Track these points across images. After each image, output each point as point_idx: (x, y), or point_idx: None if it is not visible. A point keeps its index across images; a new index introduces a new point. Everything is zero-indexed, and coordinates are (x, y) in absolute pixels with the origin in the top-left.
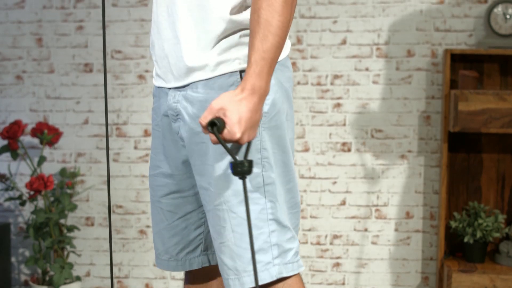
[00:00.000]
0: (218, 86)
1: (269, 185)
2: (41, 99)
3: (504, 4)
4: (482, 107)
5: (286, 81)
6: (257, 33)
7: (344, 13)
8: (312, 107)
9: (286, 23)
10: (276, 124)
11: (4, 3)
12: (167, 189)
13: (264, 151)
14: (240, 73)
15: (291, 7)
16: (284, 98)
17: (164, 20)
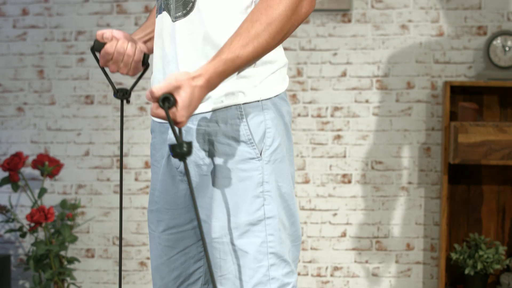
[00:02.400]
0: (221, 119)
1: (270, 218)
2: (42, 131)
3: (503, 37)
4: (482, 139)
5: (286, 115)
6: (241, 38)
7: (344, 46)
8: (312, 139)
9: (271, 47)
10: (278, 158)
11: (6, 35)
12: (164, 225)
13: (266, 185)
14: (243, 105)
15: (283, 36)
16: (284, 131)
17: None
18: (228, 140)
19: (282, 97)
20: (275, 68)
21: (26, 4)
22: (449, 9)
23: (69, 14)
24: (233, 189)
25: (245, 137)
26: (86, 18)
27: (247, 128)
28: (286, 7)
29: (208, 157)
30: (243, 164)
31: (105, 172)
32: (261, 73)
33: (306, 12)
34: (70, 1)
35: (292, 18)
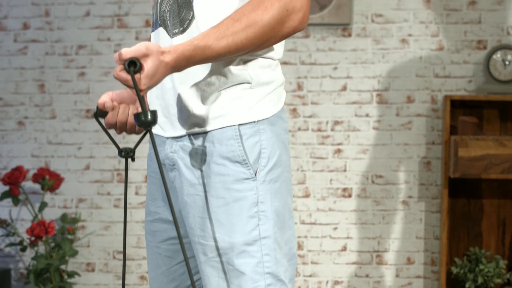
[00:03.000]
0: (216, 139)
1: (266, 238)
2: (42, 145)
3: (503, 51)
4: (482, 153)
5: (282, 133)
6: (218, 31)
7: (344, 60)
8: (312, 153)
9: (245, 49)
10: (273, 178)
11: (7, 49)
12: (166, 235)
13: (261, 205)
14: (238, 126)
15: (262, 43)
16: (281, 150)
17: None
18: (223, 160)
19: (278, 115)
20: (272, 88)
21: (27, 19)
22: (449, 23)
23: (70, 28)
24: (228, 209)
25: (240, 158)
26: (87, 32)
27: (242, 149)
28: (271, 16)
29: (204, 177)
30: (238, 185)
31: (105, 186)
32: (257, 94)
33: (295, 27)
34: (71, 16)
35: (275, 28)
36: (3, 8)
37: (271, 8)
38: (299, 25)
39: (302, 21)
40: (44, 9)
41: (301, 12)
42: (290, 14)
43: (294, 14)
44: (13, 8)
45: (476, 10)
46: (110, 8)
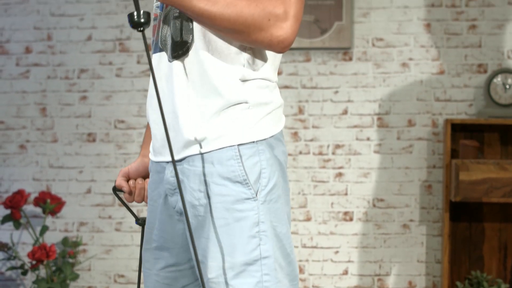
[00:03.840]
0: (216, 160)
1: (266, 258)
2: (44, 168)
3: (503, 74)
4: (483, 176)
5: (281, 155)
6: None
7: (345, 84)
8: (314, 176)
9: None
10: (273, 198)
11: (9, 73)
12: (164, 262)
13: (262, 225)
14: (238, 147)
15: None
16: (280, 172)
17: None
18: (224, 180)
19: (277, 137)
20: (270, 109)
21: (29, 43)
22: (450, 47)
23: (72, 52)
24: (229, 229)
25: (241, 178)
26: (89, 56)
27: (243, 169)
28: (252, 14)
29: (204, 198)
30: (239, 205)
31: (106, 209)
32: (256, 114)
33: (270, 43)
34: (73, 40)
35: (250, 28)
36: (5, 32)
37: (255, 8)
38: (275, 44)
39: (279, 43)
40: (47, 33)
41: (283, 35)
42: (271, 26)
43: (275, 28)
44: (15, 32)
45: (476, 34)
46: (112, 32)
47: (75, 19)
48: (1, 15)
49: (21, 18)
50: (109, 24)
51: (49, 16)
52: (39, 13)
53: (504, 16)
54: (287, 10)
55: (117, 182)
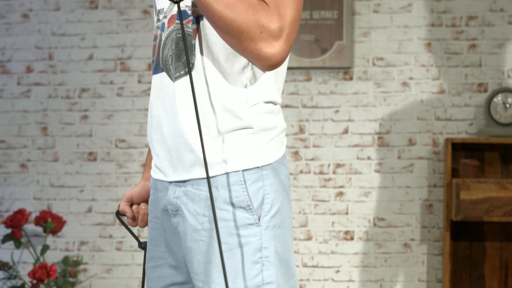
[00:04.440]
0: (220, 185)
1: (269, 284)
2: (45, 188)
3: (503, 94)
4: (483, 195)
5: (285, 178)
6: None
7: (345, 103)
8: (314, 195)
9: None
10: (277, 223)
11: (10, 92)
12: (169, 280)
13: (264, 250)
14: (242, 172)
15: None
16: (284, 196)
17: (164, 114)
18: (227, 206)
19: (280, 161)
20: (274, 134)
21: (30, 62)
22: (450, 66)
23: (73, 71)
24: (232, 254)
25: (244, 203)
26: (90, 75)
27: (246, 194)
28: (245, 21)
29: (208, 222)
30: (242, 230)
31: (107, 229)
32: (260, 139)
33: (258, 56)
34: (74, 59)
35: (243, 34)
36: (6, 51)
37: (251, 17)
38: (262, 59)
39: (266, 60)
40: (48, 53)
41: (271, 52)
42: (261, 40)
43: (264, 43)
44: (16, 51)
45: (476, 53)
46: (113, 52)
47: (76, 38)
48: (3, 34)
49: (22, 38)
50: (110, 44)
51: (50, 35)
52: (40, 33)
53: (504, 36)
54: (282, 28)
55: (120, 207)
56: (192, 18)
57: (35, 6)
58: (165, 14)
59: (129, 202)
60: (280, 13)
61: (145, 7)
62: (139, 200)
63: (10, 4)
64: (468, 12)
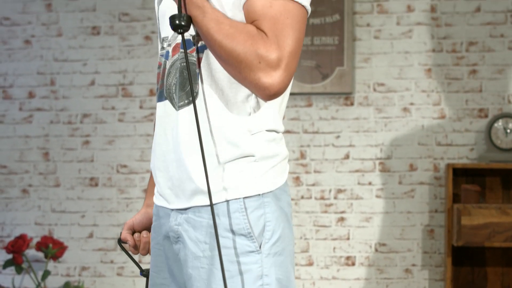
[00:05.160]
0: (222, 212)
1: None
2: (46, 213)
3: (504, 119)
4: (485, 221)
5: (286, 206)
6: (220, 16)
7: (346, 128)
8: (316, 221)
9: (212, 48)
10: (278, 251)
11: (12, 118)
12: None
13: (265, 278)
14: (244, 199)
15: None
16: (285, 223)
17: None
18: (228, 233)
19: (282, 188)
20: (276, 162)
21: (32, 87)
22: (450, 92)
23: (75, 97)
24: (233, 282)
25: (245, 231)
26: (92, 101)
27: (247, 222)
28: (244, 51)
29: (209, 250)
30: (243, 257)
31: (108, 254)
32: (262, 167)
33: (257, 86)
34: (76, 85)
35: (242, 63)
36: (9, 77)
37: (250, 47)
38: (261, 88)
39: (265, 90)
40: (50, 78)
41: (270, 82)
42: (259, 69)
43: (263, 73)
44: (18, 77)
45: (477, 79)
46: (115, 77)
47: (78, 64)
48: (5, 60)
49: (25, 63)
50: (112, 69)
51: (52, 61)
52: (42, 58)
53: (504, 61)
54: (280, 58)
55: (122, 236)
56: (197, 47)
57: (37, 32)
58: (169, 42)
59: (131, 230)
60: (279, 43)
61: (147, 33)
62: (141, 228)
63: (12, 30)
64: (468, 38)
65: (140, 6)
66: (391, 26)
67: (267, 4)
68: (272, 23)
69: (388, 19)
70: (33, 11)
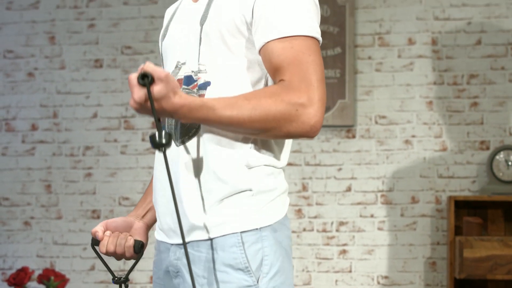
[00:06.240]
0: (219, 246)
1: None
2: (48, 245)
3: (506, 151)
4: (487, 253)
5: (285, 240)
6: (228, 101)
7: (348, 161)
8: (318, 253)
9: (246, 128)
10: (276, 285)
11: (14, 150)
12: None
13: None
14: (241, 234)
15: (262, 130)
16: (283, 257)
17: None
18: (226, 267)
19: (281, 222)
20: (274, 195)
21: (35, 120)
22: (452, 124)
23: (78, 129)
24: None
25: (242, 265)
26: (94, 133)
27: (244, 256)
28: (279, 110)
29: (207, 284)
30: None
31: (110, 287)
32: (259, 201)
33: (302, 131)
34: (78, 117)
35: (280, 122)
36: (12, 109)
37: (281, 103)
38: (307, 131)
39: (311, 128)
40: (53, 111)
41: (313, 120)
42: (300, 116)
43: (304, 116)
44: (21, 109)
45: (478, 111)
46: (117, 110)
47: (81, 96)
48: (8, 92)
49: (28, 96)
50: (115, 102)
51: (55, 94)
52: (45, 91)
53: (505, 94)
54: (310, 97)
55: (93, 230)
56: (199, 84)
57: (41, 64)
58: None
59: (103, 227)
60: (307, 83)
61: None
62: (113, 228)
63: (15, 62)
64: (469, 71)
65: (142, 39)
66: (393, 59)
67: (288, 45)
68: (296, 66)
69: (389, 52)
70: (36, 44)
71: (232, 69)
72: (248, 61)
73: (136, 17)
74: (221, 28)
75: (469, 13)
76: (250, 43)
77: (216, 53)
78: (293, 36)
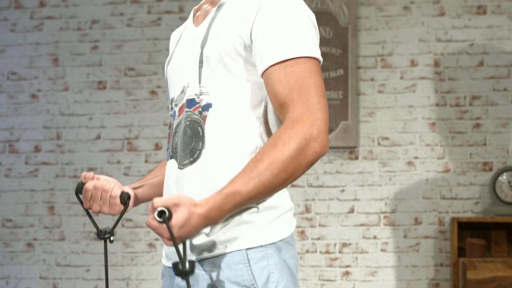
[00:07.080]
0: (224, 264)
1: None
2: (51, 267)
3: (509, 173)
4: (490, 275)
5: (290, 259)
6: (243, 175)
7: (351, 182)
8: (321, 275)
9: (274, 186)
10: None
11: (18, 171)
12: None
13: None
14: (246, 251)
15: (288, 176)
16: (288, 276)
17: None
18: (232, 285)
19: (287, 241)
20: (279, 213)
21: (38, 141)
22: (454, 145)
23: (81, 151)
24: None
25: (248, 282)
26: (97, 155)
27: (250, 273)
28: (291, 149)
29: None
30: None
31: None
32: (264, 218)
33: (317, 153)
34: (81, 139)
35: (298, 159)
36: (15, 131)
37: (289, 142)
38: (321, 151)
39: (322, 146)
40: (56, 132)
41: (319, 138)
42: (309, 142)
43: (313, 142)
44: (25, 131)
45: (480, 132)
46: (120, 132)
47: (84, 118)
48: (12, 114)
49: (31, 118)
50: (118, 124)
51: (59, 115)
52: (48, 113)
53: (507, 115)
54: (313, 121)
55: (82, 173)
56: (202, 105)
57: (44, 86)
58: (176, 103)
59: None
60: (308, 108)
61: (153, 87)
62: (105, 180)
63: (19, 84)
64: (472, 92)
65: (146, 61)
66: (395, 80)
67: (289, 70)
68: (297, 91)
69: (391, 73)
70: (40, 66)
71: (232, 91)
72: (249, 83)
73: (139, 39)
74: (220, 51)
75: (471, 35)
76: (250, 65)
77: (216, 75)
78: (294, 59)
